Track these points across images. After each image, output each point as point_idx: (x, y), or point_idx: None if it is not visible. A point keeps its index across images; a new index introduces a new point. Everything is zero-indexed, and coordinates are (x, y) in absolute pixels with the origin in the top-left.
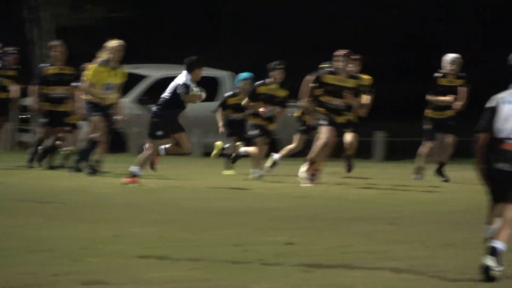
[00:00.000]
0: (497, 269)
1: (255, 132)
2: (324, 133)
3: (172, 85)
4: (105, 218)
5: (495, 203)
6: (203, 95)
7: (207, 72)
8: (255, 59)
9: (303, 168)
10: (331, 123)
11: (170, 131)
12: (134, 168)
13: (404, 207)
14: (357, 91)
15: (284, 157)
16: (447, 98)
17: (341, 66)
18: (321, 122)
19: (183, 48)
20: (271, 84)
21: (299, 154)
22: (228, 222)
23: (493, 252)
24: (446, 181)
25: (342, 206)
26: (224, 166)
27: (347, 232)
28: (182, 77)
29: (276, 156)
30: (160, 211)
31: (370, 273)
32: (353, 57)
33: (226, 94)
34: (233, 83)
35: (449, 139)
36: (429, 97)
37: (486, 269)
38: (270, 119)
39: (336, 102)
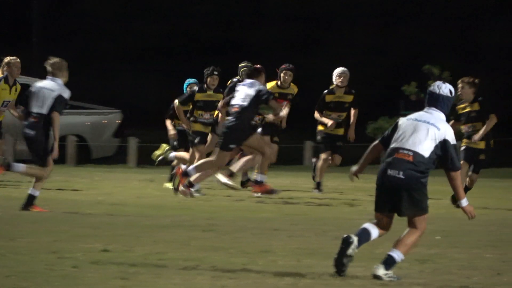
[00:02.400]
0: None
1: (197, 138)
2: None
3: (246, 94)
4: None
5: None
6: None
7: (22, 79)
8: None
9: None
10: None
11: (242, 141)
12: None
13: (221, 214)
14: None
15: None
16: (329, 122)
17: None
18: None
19: None
20: (209, 90)
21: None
22: (44, 229)
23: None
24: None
25: (159, 213)
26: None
27: (164, 239)
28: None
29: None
30: None
31: (188, 280)
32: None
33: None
34: None
35: (337, 159)
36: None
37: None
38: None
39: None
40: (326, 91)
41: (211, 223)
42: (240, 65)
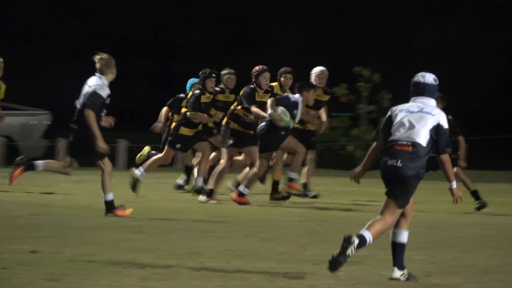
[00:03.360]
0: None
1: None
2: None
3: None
4: None
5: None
6: (283, 121)
7: None
8: None
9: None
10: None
11: (279, 144)
12: (241, 187)
13: (150, 215)
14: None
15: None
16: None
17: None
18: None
19: None
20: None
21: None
22: None
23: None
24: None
25: (87, 214)
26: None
27: (92, 240)
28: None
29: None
30: None
31: (116, 281)
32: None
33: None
34: None
35: (311, 155)
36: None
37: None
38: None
39: None
40: None
41: (140, 225)
42: (222, 72)
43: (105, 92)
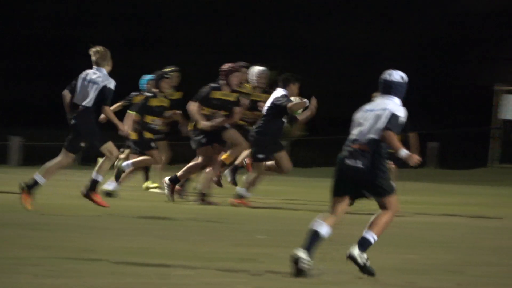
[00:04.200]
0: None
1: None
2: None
3: (267, 105)
4: None
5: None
6: (306, 101)
7: None
8: None
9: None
10: None
11: (271, 152)
12: (240, 190)
13: (51, 212)
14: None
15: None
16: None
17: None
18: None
19: None
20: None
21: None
22: None
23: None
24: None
25: None
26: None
27: None
28: (278, 92)
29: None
30: None
31: (9, 277)
32: None
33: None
34: None
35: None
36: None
37: (296, 261)
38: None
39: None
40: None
41: (36, 222)
42: (165, 70)
43: (112, 84)
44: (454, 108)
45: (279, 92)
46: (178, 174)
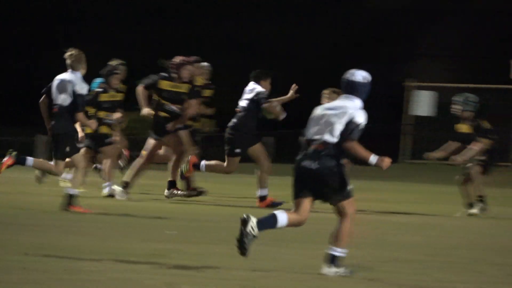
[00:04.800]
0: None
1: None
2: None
3: (245, 97)
4: None
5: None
6: (283, 115)
7: None
8: None
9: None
10: None
11: (248, 146)
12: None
13: None
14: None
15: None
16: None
17: None
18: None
19: None
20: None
21: None
22: None
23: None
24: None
25: None
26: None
27: None
28: (257, 88)
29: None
30: None
31: None
32: None
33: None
34: None
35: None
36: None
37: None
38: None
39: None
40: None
41: None
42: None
43: (84, 89)
44: (365, 105)
45: (258, 87)
46: (170, 178)
